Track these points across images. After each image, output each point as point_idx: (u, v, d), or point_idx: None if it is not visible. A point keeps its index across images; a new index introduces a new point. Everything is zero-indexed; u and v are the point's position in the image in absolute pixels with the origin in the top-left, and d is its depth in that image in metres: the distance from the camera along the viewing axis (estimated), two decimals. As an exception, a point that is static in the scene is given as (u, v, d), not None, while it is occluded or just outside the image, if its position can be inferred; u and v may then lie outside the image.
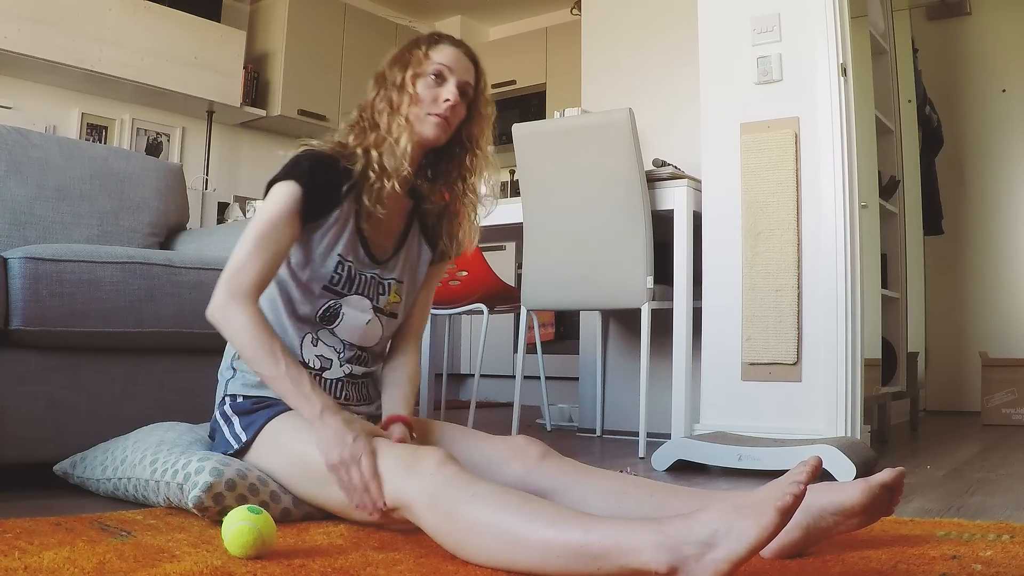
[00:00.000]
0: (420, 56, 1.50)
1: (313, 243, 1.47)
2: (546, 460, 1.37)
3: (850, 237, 2.40)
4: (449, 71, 1.50)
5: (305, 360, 1.49)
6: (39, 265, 1.76)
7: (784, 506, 0.92)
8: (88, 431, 1.79)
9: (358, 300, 1.52)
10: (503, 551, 1.07)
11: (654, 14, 3.46)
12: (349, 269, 1.50)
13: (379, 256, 1.55)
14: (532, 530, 1.05)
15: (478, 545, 1.09)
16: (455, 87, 1.50)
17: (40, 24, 4.04)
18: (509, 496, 1.12)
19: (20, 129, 2.34)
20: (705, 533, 0.94)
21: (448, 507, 1.13)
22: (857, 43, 2.70)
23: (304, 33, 5.20)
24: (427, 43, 1.52)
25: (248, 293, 1.38)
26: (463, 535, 1.11)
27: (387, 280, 1.56)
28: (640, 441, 2.63)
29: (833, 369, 2.37)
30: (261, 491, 1.37)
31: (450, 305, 3.20)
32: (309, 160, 1.45)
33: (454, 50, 1.52)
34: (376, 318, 1.55)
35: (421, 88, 1.48)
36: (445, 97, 1.49)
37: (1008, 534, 1.32)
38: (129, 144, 4.68)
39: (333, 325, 1.50)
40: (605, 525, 1.02)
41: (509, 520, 1.07)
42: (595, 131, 2.73)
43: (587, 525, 1.02)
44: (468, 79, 1.53)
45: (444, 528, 1.14)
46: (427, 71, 1.49)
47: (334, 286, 1.49)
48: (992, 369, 3.99)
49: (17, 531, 1.26)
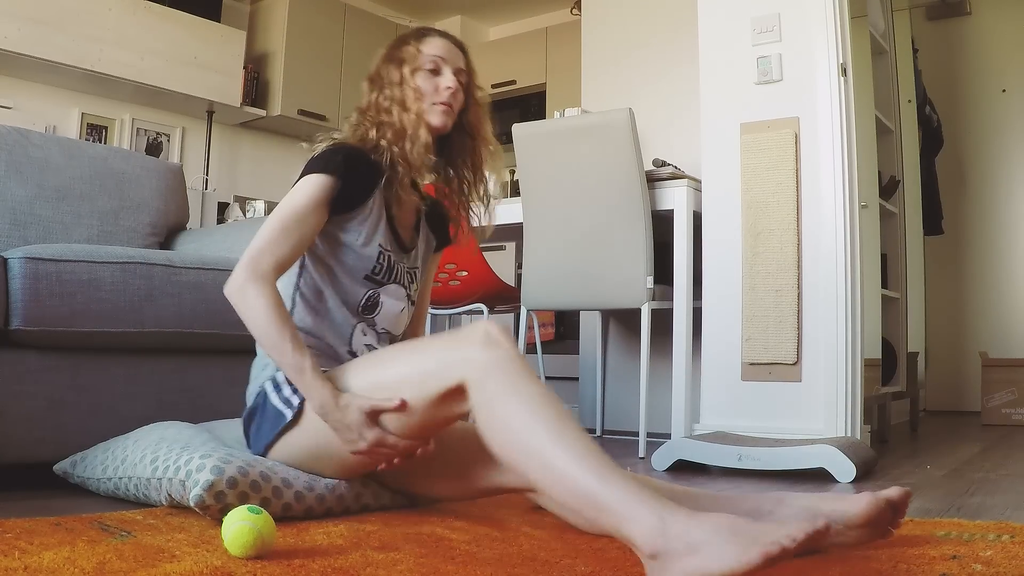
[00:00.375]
0: (413, 51, 1.54)
1: (352, 233, 1.51)
2: None
3: (850, 237, 2.40)
4: (443, 61, 1.55)
5: (354, 350, 1.52)
6: (39, 265, 1.76)
7: (769, 554, 0.91)
8: (88, 431, 1.79)
9: (395, 289, 1.57)
10: (523, 460, 1.13)
11: (654, 14, 3.46)
12: (389, 259, 1.55)
13: (408, 245, 1.61)
14: (556, 456, 1.09)
15: (503, 443, 1.16)
16: (452, 75, 1.55)
17: (40, 24, 4.04)
18: (546, 408, 1.15)
19: (20, 129, 2.33)
20: (697, 538, 0.95)
21: (491, 396, 1.20)
22: (857, 43, 2.70)
23: (304, 33, 5.20)
24: (415, 38, 1.57)
25: (267, 275, 1.40)
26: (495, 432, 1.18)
27: (414, 268, 1.63)
28: (640, 441, 2.63)
29: (833, 369, 2.37)
30: (263, 487, 1.37)
31: (450, 305, 3.20)
32: (344, 153, 1.49)
33: (443, 41, 1.57)
34: (408, 305, 1.62)
35: (420, 81, 1.53)
36: (446, 85, 1.54)
37: (1008, 534, 1.32)
38: (129, 144, 4.68)
39: (374, 314, 1.55)
40: (619, 486, 1.04)
41: (540, 437, 1.12)
42: (595, 131, 2.73)
43: (605, 476, 1.05)
44: (461, 66, 1.58)
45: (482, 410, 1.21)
46: (423, 64, 1.53)
47: (376, 275, 1.53)
48: (992, 369, 3.99)
49: (17, 531, 1.26)
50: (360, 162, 1.50)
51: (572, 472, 1.07)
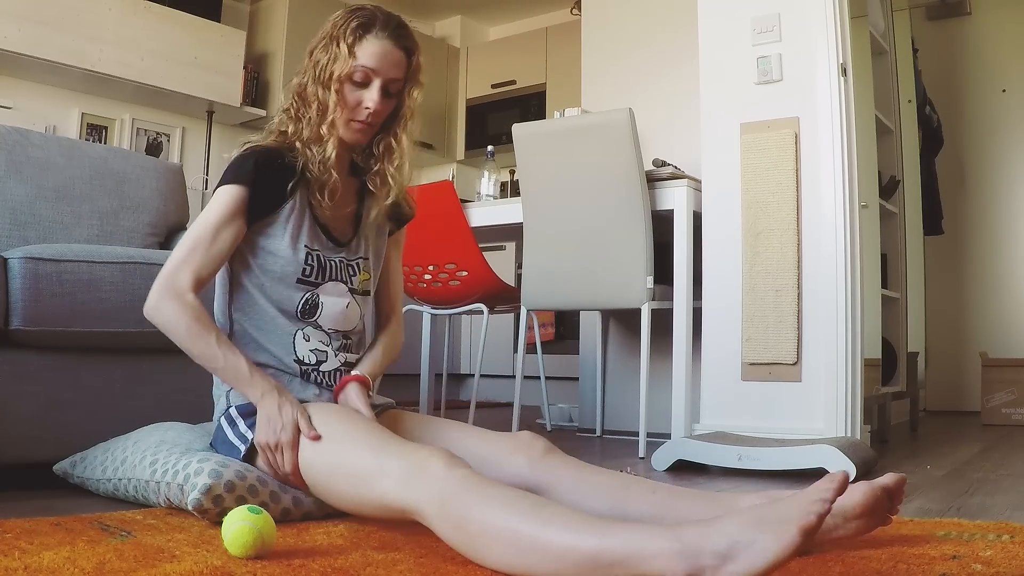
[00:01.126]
0: (345, 55, 1.46)
1: (275, 239, 1.49)
2: (549, 456, 1.37)
3: (850, 237, 2.40)
4: (373, 73, 1.48)
5: (300, 357, 1.50)
6: (39, 265, 1.76)
7: (808, 526, 0.89)
8: (88, 431, 1.79)
9: (333, 286, 1.54)
10: (518, 557, 1.04)
11: (654, 14, 3.46)
12: (318, 257, 1.52)
13: (341, 239, 1.57)
14: (547, 536, 1.02)
15: (491, 550, 1.07)
16: (378, 91, 1.48)
17: (40, 24, 4.04)
18: (521, 500, 1.09)
19: (20, 129, 2.33)
20: (724, 544, 0.91)
21: (460, 512, 1.10)
22: (857, 43, 2.70)
23: (304, 33, 5.13)
24: (353, 35, 1.48)
25: (183, 290, 1.40)
26: (476, 540, 1.08)
27: (355, 260, 1.59)
28: (640, 441, 2.63)
29: (833, 369, 2.37)
30: (260, 492, 1.37)
31: (450, 305, 3.20)
32: (254, 159, 1.46)
33: (381, 44, 1.48)
34: (353, 300, 1.58)
35: (346, 91, 1.48)
36: (366, 105, 1.48)
37: (1008, 534, 1.32)
38: (129, 144, 4.68)
39: (315, 316, 1.52)
40: (621, 531, 0.99)
41: (523, 525, 1.04)
42: (595, 131, 2.73)
43: (603, 531, 1.00)
44: (395, 75, 1.50)
45: (456, 533, 1.11)
46: (351, 74, 1.47)
47: (307, 277, 1.51)
48: (992, 369, 3.99)
49: (17, 531, 1.26)
50: (272, 166, 1.47)
51: (567, 542, 1.00)
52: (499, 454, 1.39)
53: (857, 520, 1.20)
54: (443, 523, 1.12)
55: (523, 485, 1.34)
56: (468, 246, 3.03)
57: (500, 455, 1.39)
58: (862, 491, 1.20)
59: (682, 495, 1.29)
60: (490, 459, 1.38)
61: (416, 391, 3.53)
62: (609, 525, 1.02)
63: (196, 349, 1.40)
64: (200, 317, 1.40)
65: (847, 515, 1.19)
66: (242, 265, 1.51)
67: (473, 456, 1.39)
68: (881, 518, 1.22)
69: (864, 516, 1.20)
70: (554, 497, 1.31)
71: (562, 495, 1.31)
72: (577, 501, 1.29)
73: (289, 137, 1.52)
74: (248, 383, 1.40)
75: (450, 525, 1.11)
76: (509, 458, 1.37)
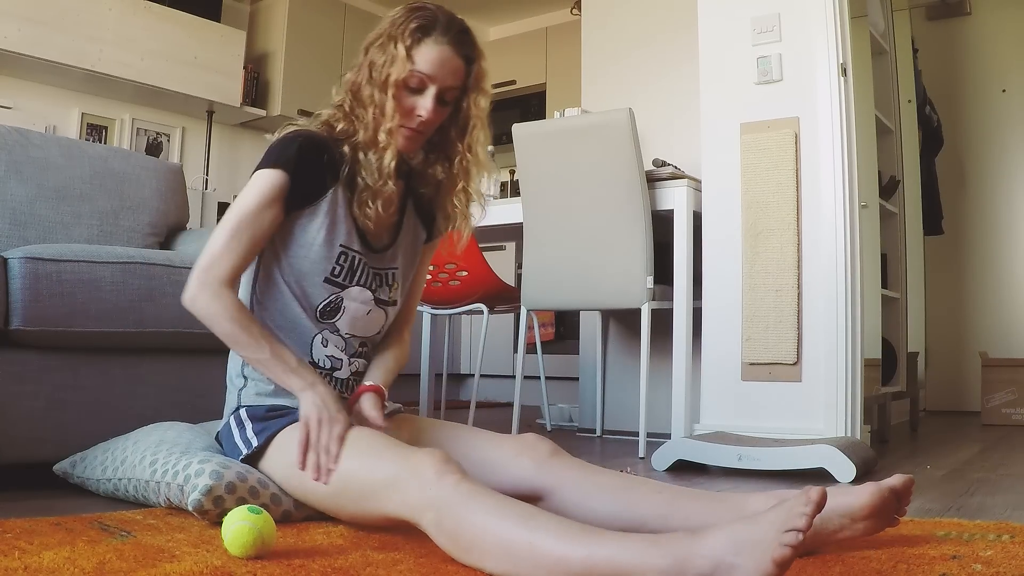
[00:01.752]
0: (403, 56, 1.38)
1: (309, 232, 1.43)
2: (555, 458, 1.36)
3: (850, 237, 2.40)
4: (429, 80, 1.40)
5: (315, 360, 1.46)
6: (39, 265, 1.76)
7: (782, 559, 0.90)
8: (88, 431, 1.79)
9: (359, 292, 1.48)
10: (509, 564, 1.05)
11: (654, 14, 3.46)
12: (352, 260, 1.46)
13: (376, 245, 1.51)
14: (538, 544, 1.03)
15: (483, 557, 1.08)
16: (433, 98, 1.41)
17: (40, 24, 4.05)
18: (513, 508, 1.10)
19: (20, 129, 2.33)
20: (707, 566, 0.93)
21: (452, 520, 1.11)
22: (857, 43, 2.70)
23: (304, 33, 5.20)
24: (412, 38, 1.39)
25: (220, 282, 1.36)
26: (469, 546, 1.09)
27: (388, 271, 1.53)
28: (640, 441, 2.63)
29: (833, 369, 2.37)
30: (262, 494, 1.37)
31: (450, 305, 3.20)
32: (298, 144, 1.40)
33: (440, 50, 1.40)
34: (377, 309, 1.52)
35: (402, 96, 1.41)
36: (419, 112, 1.41)
37: (1008, 534, 1.32)
38: (129, 144, 4.69)
39: (335, 319, 1.47)
40: (611, 543, 1.00)
41: (514, 533, 1.05)
42: (595, 131, 2.73)
43: (592, 542, 1.01)
44: (452, 83, 1.42)
45: (450, 540, 1.12)
46: (407, 79, 1.39)
47: (335, 278, 1.45)
48: (992, 369, 3.99)
49: (17, 531, 1.26)
50: (317, 153, 1.41)
51: (558, 552, 1.01)
52: (504, 456, 1.38)
53: (865, 521, 1.19)
54: (436, 528, 1.13)
55: (528, 487, 1.34)
56: (468, 246, 3.02)
57: (505, 457, 1.38)
58: (870, 492, 1.19)
59: (689, 496, 1.28)
60: (495, 461, 1.38)
61: (416, 391, 3.53)
62: (599, 536, 1.02)
63: (240, 342, 1.36)
64: (241, 307, 1.37)
65: (854, 516, 1.19)
66: (272, 256, 1.45)
67: (478, 458, 1.39)
68: (888, 519, 1.22)
69: (872, 517, 1.19)
70: (560, 499, 1.31)
71: (568, 497, 1.30)
72: (583, 503, 1.29)
73: (338, 133, 1.45)
74: (296, 372, 1.36)
75: (443, 530, 1.12)
76: (514, 460, 1.37)
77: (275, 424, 1.41)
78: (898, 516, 1.23)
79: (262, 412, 1.44)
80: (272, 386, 1.44)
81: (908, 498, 1.23)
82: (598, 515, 1.27)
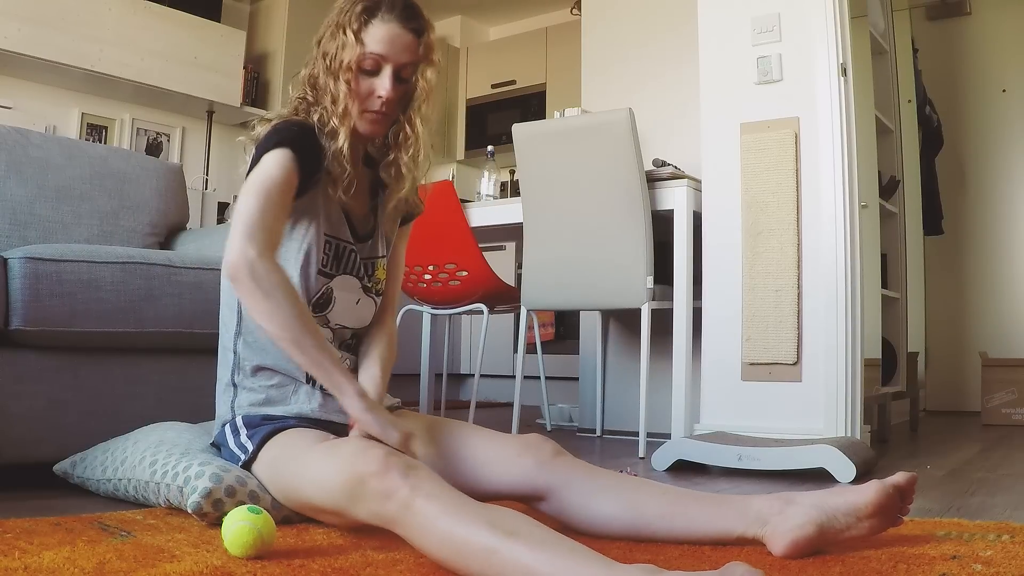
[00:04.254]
0: (352, 41, 1.37)
1: (303, 217, 1.41)
2: (558, 458, 1.36)
3: (850, 237, 2.40)
4: (383, 59, 1.39)
5: None
6: (39, 265, 1.76)
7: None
8: (88, 431, 1.79)
9: (345, 280, 1.46)
10: (477, 564, 1.01)
11: (654, 14, 3.46)
12: (337, 247, 1.45)
13: (361, 232, 1.49)
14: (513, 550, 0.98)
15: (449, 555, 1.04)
16: (390, 78, 1.39)
17: (40, 24, 4.05)
18: (477, 510, 1.06)
19: (20, 129, 2.34)
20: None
21: (419, 524, 1.07)
22: (857, 43, 2.69)
23: (304, 33, 5.13)
24: (359, 20, 1.38)
25: (269, 249, 1.26)
26: (445, 550, 1.05)
27: (374, 259, 1.52)
28: (640, 441, 2.63)
29: (833, 369, 2.37)
30: (262, 499, 1.36)
31: (450, 305, 3.20)
32: (298, 127, 1.38)
33: (388, 29, 1.39)
34: (366, 297, 1.50)
35: (358, 80, 1.39)
36: (378, 94, 1.39)
37: (1008, 534, 1.32)
38: (129, 144, 4.69)
39: (326, 311, 1.46)
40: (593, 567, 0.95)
41: (481, 535, 1.01)
42: (595, 131, 2.73)
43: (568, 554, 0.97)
44: (407, 59, 1.40)
45: (422, 539, 1.08)
46: (361, 62, 1.38)
47: (323, 267, 1.43)
48: (992, 369, 3.99)
49: (17, 531, 1.26)
50: (313, 137, 1.39)
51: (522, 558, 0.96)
52: (507, 456, 1.38)
53: (870, 519, 1.19)
54: (408, 532, 1.09)
55: (531, 487, 1.34)
56: (468, 246, 3.03)
57: (508, 457, 1.37)
58: (874, 489, 1.19)
59: (693, 497, 1.28)
60: (498, 460, 1.37)
61: (416, 391, 3.54)
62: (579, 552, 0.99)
63: (290, 327, 1.24)
64: (287, 279, 1.29)
65: (860, 514, 1.19)
66: None
67: (481, 457, 1.39)
68: (892, 518, 1.22)
69: (877, 515, 1.19)
70: (562, 499, 1.31)
71: (570, 498, 1.30)
72: (585, 503, 1.29)
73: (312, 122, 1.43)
74: (344, 374, 1.29)
75: (411, 533, 1.09)
76: (517, 460, 1.36)
77: (268, 427, 1.39)
78: (901, 515, 1.23)
79: (257, 420, 1.43)
80: (263, 395, 1.43)
81: (912, 496, 1.23)
82: (601, 516, 1.27)
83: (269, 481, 1.37)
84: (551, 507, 1.34)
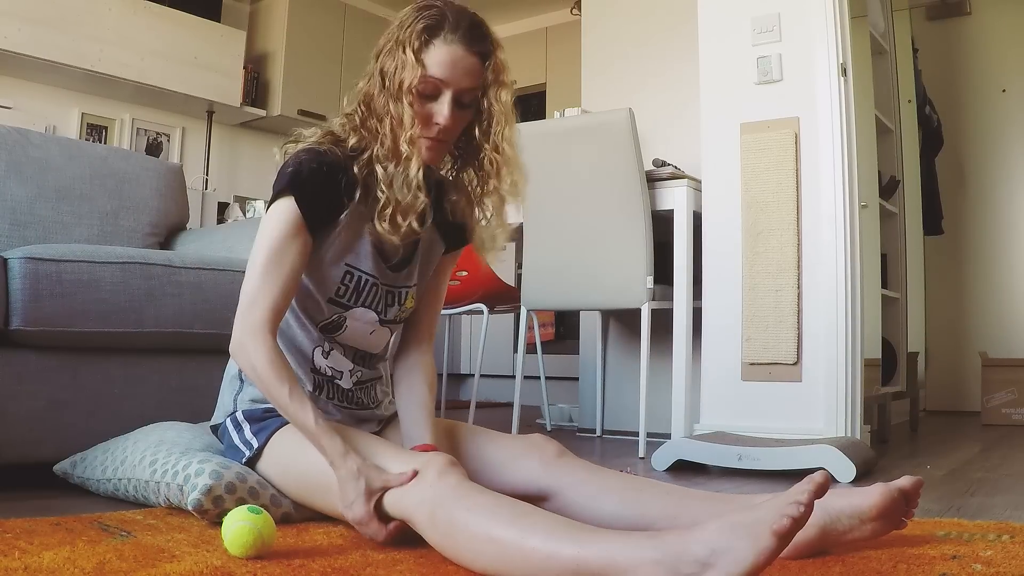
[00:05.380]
0: (412, 62, 1.29)
1: (322, 251, 1.37)
2: (561, 459, 1.36)
3: (850, 237, 2.40)
4: (443, 84, 1.31)
5: (317, 367, 1.43)
6: (39, 265, 1.76)
7: (781, 530, 0.89)
8: (88, 431, 1.79)
9: (363, 312, 1.43)
10: (500, 563, 1.05)
11: (654, 14, 3.47)
12: (358, 280, 1.41)
13: (392, 263, 1.45)
14: (528, 543, 1.02)
15: (476, 556, 1.08)
16: (449, 104, 1.32)
17: (40, 24, 4.05)
18: (507, 507, 1.10)
19: (20, 129, 2.34)
20: (702, 552, 0.91)
21: (446, 518, 1.11)
22: (857, 43, 2.69)
23: (304, 33, 5.20)
24: (420, 40, 1.30)
25: (263, 327, 1.28)
26: (461, 545, 1.09)
27: (401, 289, 1.47)
28: (640, 441, 2.63)
29: (833, 369, 2.37)
30: (261, 495, 1.36)
31: (450, 305, 3.20)
32: (308, 166, 1.32)
33: (450, 51, 1.31)
34: (382, 328, 1.47)
35: (417, 103, 1.31)
36: (436, 120, 1.32)
37: (1008, 534, 1.32)
38: (129, 144, 4.69)
39: (336, 334, 1.44)
40: (601, 540, 0.99)
41: (506, 532, 1.05)
42: (595, 131, 2.73)
43: (582, 540, 1.00)
44: (468, 84, 1.33)
45: (443, 539, 1.12)
46: (419, 86, 1.30)
47: (339, 298, 1.40)
48: (992, 369, 3.99)
49: (17, 531, 1.26)
50: (328, 174, 1.32)
51: (547, 550, 1.00)
52: (511, 456, 1.38)
53: (874, 522, 1.19)
54: (431, 528, 1.13)
55: (534, 487, 1.34)
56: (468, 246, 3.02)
57: (512, 457, 1.37)
58: (879, 492, 1.18)
59: (697, 497, 1.28)
60: (501, 461, 1.37)
61: (416, 391, 3.53)
62: (589, 533, 1.02)
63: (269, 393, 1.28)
64: (277, 359, 1.28)
65: (863, 517, 1.18)
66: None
67: (484, 457, 1.39)
68: (895, 521, 1.21)
69: (880, 518, 1.19)
70: (566, 500, 1.31)
71: (574, 498, 1.30)
72: (589, 504, 1.28)
73: (350, 146, 1.37)
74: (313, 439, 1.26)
75: (437, 529, 1.12)
76: (521, 460, 1.36)
77: (273, 423, 1.40)
78: (905, 519, 1.22)
79: (259, 414, 1.43)
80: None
81: (916, 500, 1.22)
82: (605, 516, 1.27)
83: (277, 479, 1.38)
84: (555, 507, 1.33)
